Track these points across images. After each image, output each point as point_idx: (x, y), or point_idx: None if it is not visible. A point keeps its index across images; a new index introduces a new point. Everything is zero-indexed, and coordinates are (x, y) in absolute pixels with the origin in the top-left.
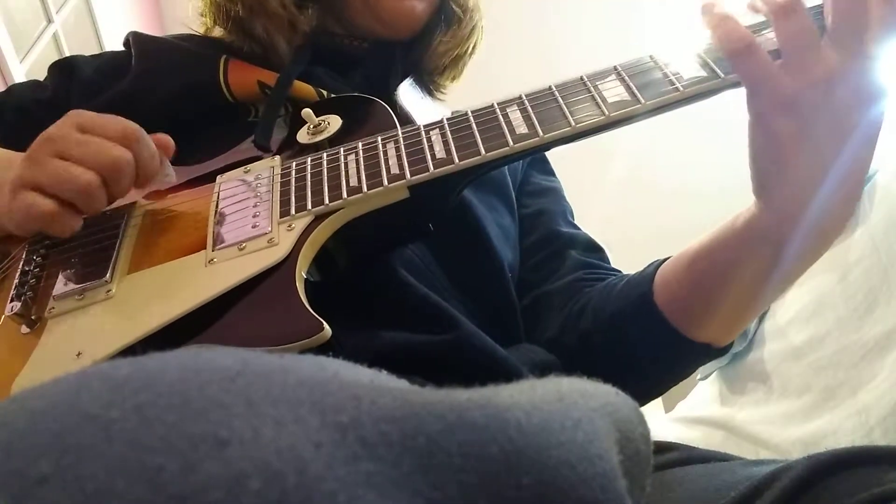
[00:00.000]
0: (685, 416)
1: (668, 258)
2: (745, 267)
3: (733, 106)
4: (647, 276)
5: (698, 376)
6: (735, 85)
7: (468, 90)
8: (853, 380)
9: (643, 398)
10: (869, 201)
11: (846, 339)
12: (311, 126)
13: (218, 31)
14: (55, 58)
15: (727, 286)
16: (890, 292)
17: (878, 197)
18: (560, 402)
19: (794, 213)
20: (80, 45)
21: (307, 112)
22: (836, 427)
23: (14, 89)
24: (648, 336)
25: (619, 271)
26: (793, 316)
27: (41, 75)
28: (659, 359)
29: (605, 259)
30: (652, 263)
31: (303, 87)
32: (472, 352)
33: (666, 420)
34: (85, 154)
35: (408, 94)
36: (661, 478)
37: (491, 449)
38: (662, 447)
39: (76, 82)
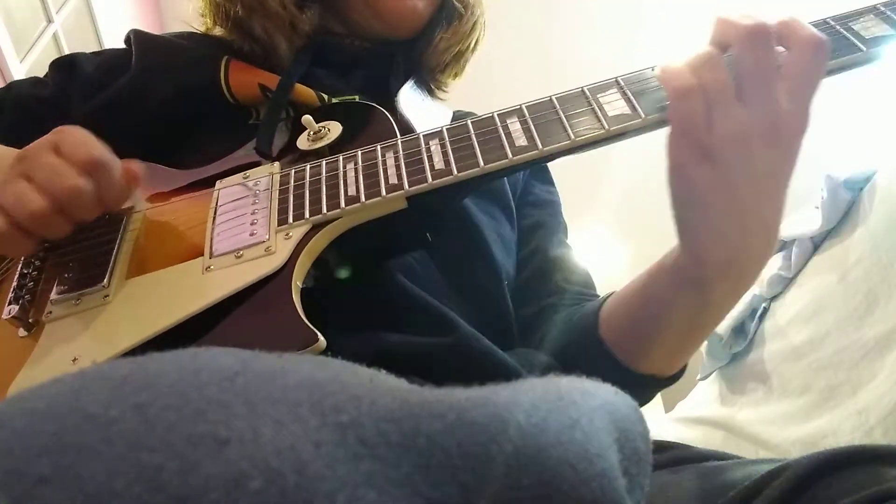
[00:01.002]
0: (685, 415)
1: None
2: (674, 305)
3: None
4: (594, 310)
5: (698, 376)
6: None
7: (470, 90)
8: (853, 380)
9: None
10: (869, 201)
11: (846, 339)
12: (312, 132)
13: (219, 31)
14: (55, 57)
15: (659, 323)
16: (890, 292)
17: (878, 197)
18: (559, 402)
19: (711, 258)
20: (80, 45)
21: (307, 119)
22: (836, 427)
23: (14, 86)
24: (595, 368)
25: (597, 295)
26: (793, 316)
27: (41, 75)
28: None
29: (587, 283)
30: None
31: (304, 91)
32: (470, 354)
33: (666, 420)
34: (44, 179)
35: (409, 97)
36: (660, 477)
37: (490, 449)
38: (661, 446)
39: (77, 80)
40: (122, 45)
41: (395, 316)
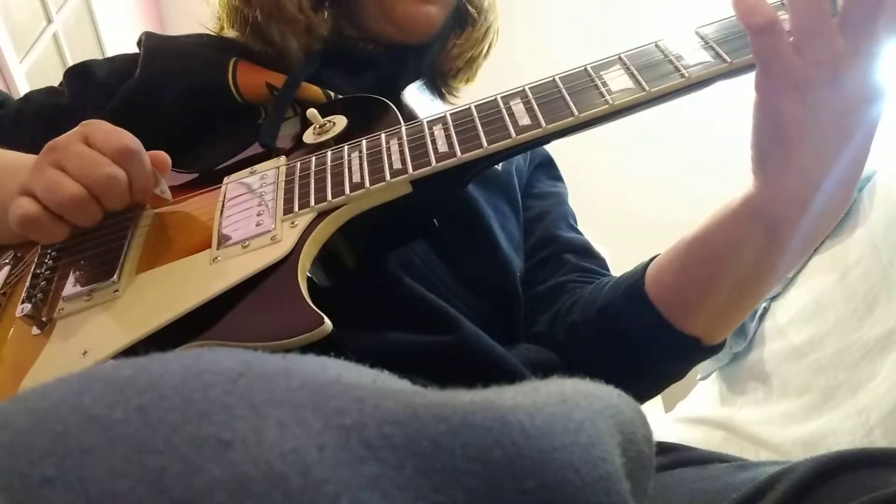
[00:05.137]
0: (685, 416)
1: (659, 254)
2: (740, 248)
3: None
4: (638, 268)
5: (698, 376)
6: (742, 70)
7: (478, 93)
8: (853, 380)
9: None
10: (869, 201)
11: (846, 339)
12: (317, 126)
13: (232, 33)
14: (55, 58)
15: (721, 269)
16: (890, 292)
17: (878, 197)
18: (563, 405)
19: (792, 196)
20: (80, 45)
21: (312, 112)
22: (836, 427)
23: (32, 96)
24: (636, 325)
25: (614, 277)
26: (793, 316)
27: (41, 75)
28: (646, 351)
29: (602, 265)
30: (647, 259)
31: (311, 89)
32: (473, 352)
33: (666, 420)
34: (78, 168)
35: (416, 95)
36: (662, 479)
37: (494, 452)
38: (664, 448)
39: (91, 87)
40: (135, 49)
41: (397, 314)
